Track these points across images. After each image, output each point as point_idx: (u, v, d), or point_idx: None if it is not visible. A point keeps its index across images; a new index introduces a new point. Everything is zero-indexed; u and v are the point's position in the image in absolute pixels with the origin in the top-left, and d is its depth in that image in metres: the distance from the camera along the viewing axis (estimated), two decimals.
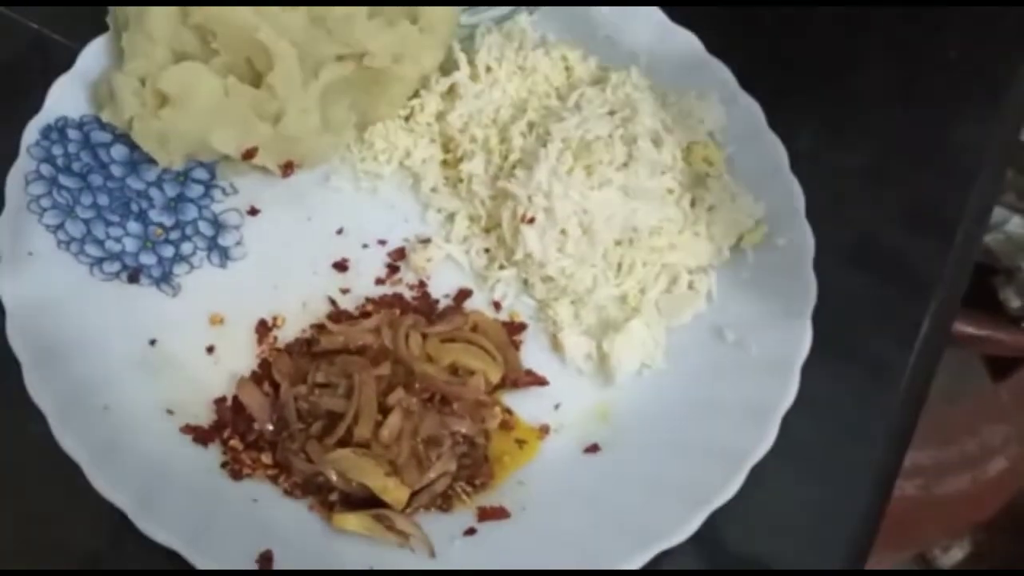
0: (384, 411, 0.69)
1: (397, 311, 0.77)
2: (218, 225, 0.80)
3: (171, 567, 0.65)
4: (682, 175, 0.81)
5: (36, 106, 0.79)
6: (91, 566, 0.69)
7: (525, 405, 0.76)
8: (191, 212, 0.80)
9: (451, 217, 0.82)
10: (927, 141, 0.93)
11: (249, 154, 0.77)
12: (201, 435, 0.71)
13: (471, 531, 0.69)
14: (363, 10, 0.77)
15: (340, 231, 0.81)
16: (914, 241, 0.87)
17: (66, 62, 0.81)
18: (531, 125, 0.81)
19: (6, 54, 0.88)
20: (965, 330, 1.36)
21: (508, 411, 0.75)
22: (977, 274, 1.40)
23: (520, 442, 0.74)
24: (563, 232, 0.76)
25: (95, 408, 0.69)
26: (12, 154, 0.77)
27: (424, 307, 0.78)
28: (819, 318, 0.76)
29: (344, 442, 0.69)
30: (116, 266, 0.76)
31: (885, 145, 0.92)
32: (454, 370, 0.75)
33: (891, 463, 0.78)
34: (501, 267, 0.79)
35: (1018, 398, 1.68)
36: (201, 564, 0.64)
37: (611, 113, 0.81)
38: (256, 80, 0.77)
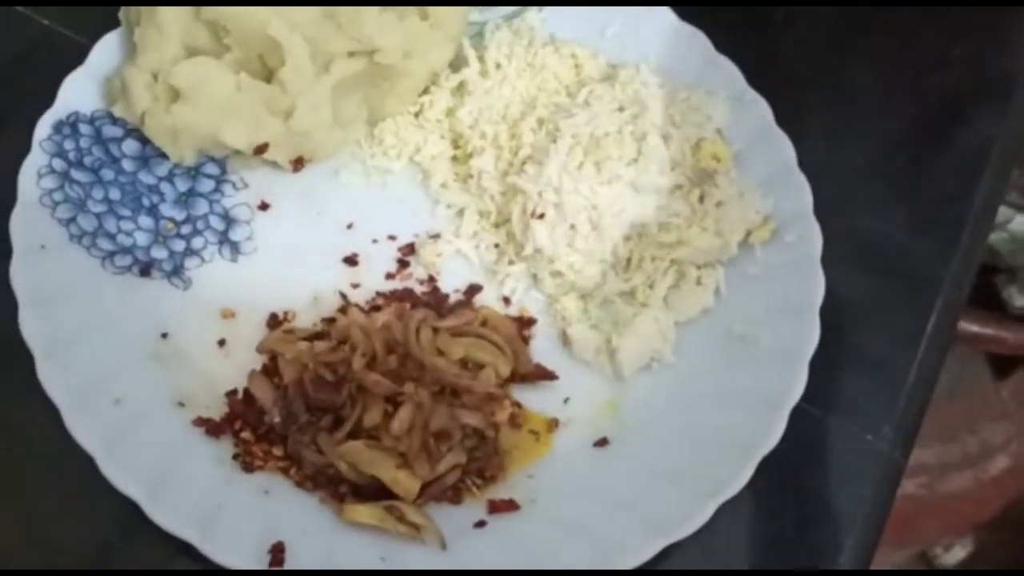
0: (395, 404, 0.70)
1: (407, 305, 0.77)
2: (229, 220, 0.80)
3: (181, 567, 0.66)
4: (691, 171, 0.81)
5: (46, 101, 0.80)
6: (101, 562, 0.69)
7: (535, 399, 0.76)
8: (202, 207, 0.80)
9: (461, 212, 0.82)
10: (933, 140, 0.93)
11: (260, 149, 0.78)
12: (213, 428, 0.71)
13: (481, 523, 0.69)
14: (374, 6, 0.78)
15: (350, 226, 0.82)
16: (920, 240, 0.88)
17: (76, 58, 0.82)
18: (541, 121, 0.81)
19: (17, 49, 0.89)
20: (969, 328, 1.37)
21: (518, 405, 0.75)
22: (981, 273, 1.42)
23: (534, 434, 0.74)
24: (572, 227, 0.77)
25: (106, 400, 0.69)
26: (24, 148, 0.77)
27: (434, 301, 0.79)
28: (825, 316, 0.77)
29: (355, 435, 0.69)
30: (128, 260, 0.77)
31: (891, 144, 0.93)
32: (464, 364, 0.75)
33: (897, 461, 0.79)
34: (510, 262, 0.80)
35: (1019, 396, 1.68)
36: (213, 554, 0.64)
37: (620, 109, 0.82)
38: (268, 76, 0.77)
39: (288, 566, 0.65)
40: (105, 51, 0.82)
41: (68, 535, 0.69)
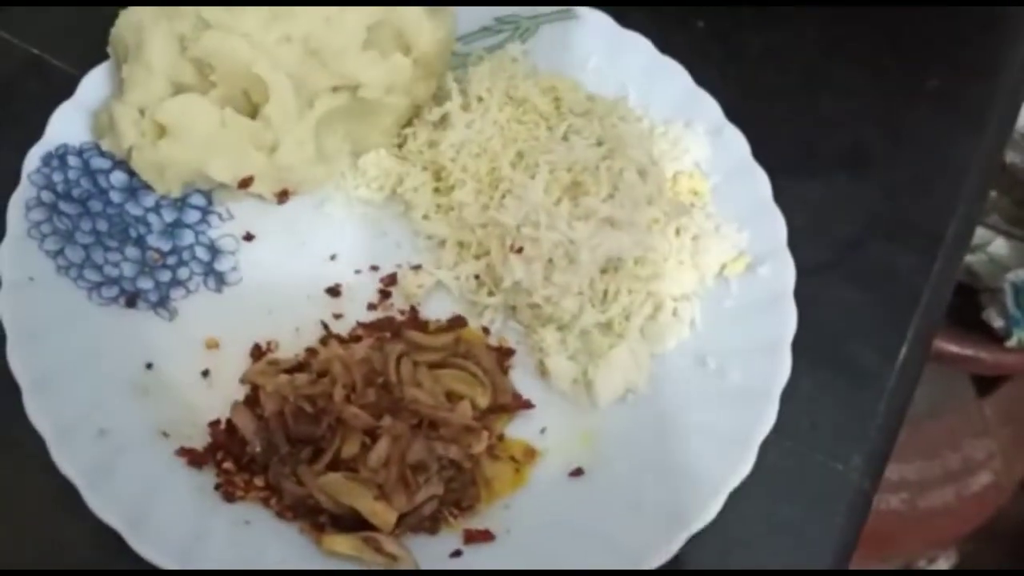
0: (373, 436, 0.71)
1: (388, 335, 0.79)
2: (214, 250, 0.82)
3: None
4: (667, 205, 0.83)
5: (34, 131, 0.81)
6: None
7: (512, 429, 0.78)
8: (188, 238, 0.82)
9: (442, 244, 0.84)
10: (911, 165, 0.95)
11: (245, 183, 0.79)
12: (195, 458, 0.72)
13: (457, 553, 0.71)
14: (357, 42, 0.80)
15: (333, 257, 0.83)
16: (897, 260, 0.90)
17: (64, 87, 0.83)
18: (520, 155, 0.83)
19: (5, 77, 0.90)
20: (949, 349, 1.39)
21: (500, 436, 0.77)
22: (962, 295, 1.44)
23: (515, 463, 0.76)
24: (550, 261, 0.78)
25: (91, 431, 0.71)
26: (12, 180, 0.79)
27: (416, 327, 0.80)
28: (802, 335, 0.79)
29: (334, 466, 0.71)
30: (114, 291, 0.78)
31: (870, 169, 0.95)
32: (447, 395, 0.76)
33: (869, 483, 0.80)
34: (490, 293, 0.81)
35: (1002, 413, 1.70)
36: None
37: (598, 144, 0.83)
38: (253, 111, 0.79)
39: None
40: (93, 84, 0.83)
41: (54, 559, 0.71)
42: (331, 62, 0.78)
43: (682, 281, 0.81)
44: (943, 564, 1.90)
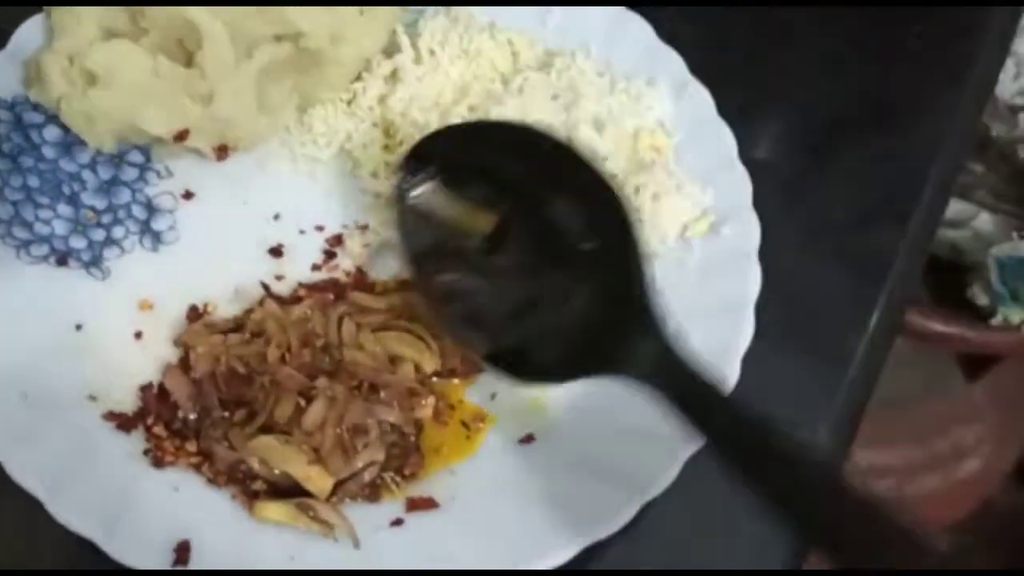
0: (308, 398, 0.68)
1: (330, 296, 0.75)
2: (151, 209, 0.78)
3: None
4: (626, 162, 0.79)
5: None
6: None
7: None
8: (124, 195, 0.78)
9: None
10: (884, 128, 0.92)
11: (181, 136, 0.76)
12: (124, 422, 0.69)
13: (398, 521, 0.67)
14: None
15: (277, 216, 0.79)
16: (869, 230, 0.86)
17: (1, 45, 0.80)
18: (471, 108, 0.79)
19: None
20: (934, 327, 1.35)
21: (452, 405, 0.73)
22: (947, 273, 1.40)
23: (465, 428, 0.72)
24: None
25: (12, 395, 0.67)
26: None
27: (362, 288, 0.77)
28: (769, 306, 0.75)
29: (268, 430, 0.67)
30: (44, 249, 0.75)
31: (843, 134, 0.91)
32: (390, 359, 0.73)
33: (837, 454, 0.77)
34: None
35: (992, 398, 1.67)
36: (115, 553, 0.62)
37: (554, 98, 0.80)
38: (187, 60, 0.75)
39: (193, 565, 0.63)
40: (26, 35, 0.79)
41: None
42: (270, 9, 0.74)
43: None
44: None
